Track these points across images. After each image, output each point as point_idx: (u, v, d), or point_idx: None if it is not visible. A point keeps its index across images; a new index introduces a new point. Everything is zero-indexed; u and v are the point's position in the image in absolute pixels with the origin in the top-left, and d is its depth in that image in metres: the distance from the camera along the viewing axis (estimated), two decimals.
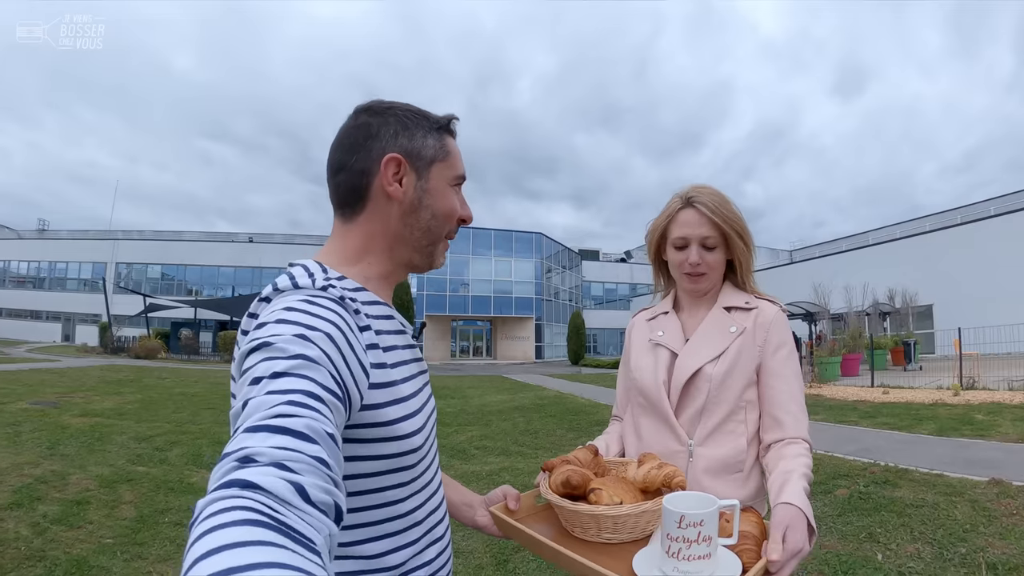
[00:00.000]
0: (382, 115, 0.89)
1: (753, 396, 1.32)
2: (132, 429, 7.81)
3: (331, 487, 0.51)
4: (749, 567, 0.89)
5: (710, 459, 1.28)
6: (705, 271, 1.36)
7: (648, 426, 1.39)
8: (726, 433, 1.30)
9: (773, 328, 1.33)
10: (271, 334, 0.64)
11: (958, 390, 10.86)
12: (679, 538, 0.85)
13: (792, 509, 1.02)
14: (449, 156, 0.93)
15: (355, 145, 0.88)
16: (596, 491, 1.06)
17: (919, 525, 3.96)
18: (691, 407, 1.32)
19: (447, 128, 0.94)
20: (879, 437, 7.25)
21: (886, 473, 5.35)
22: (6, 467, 5.51)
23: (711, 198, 1.34)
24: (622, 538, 1.02)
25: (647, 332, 1.48)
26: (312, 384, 0.60)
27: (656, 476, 1.12)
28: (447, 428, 8.69)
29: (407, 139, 0.88)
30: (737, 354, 1.30)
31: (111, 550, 3.63)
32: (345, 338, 0.71)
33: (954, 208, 36.56)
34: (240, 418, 0.56)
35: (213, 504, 0.42)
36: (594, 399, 12.81)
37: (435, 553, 0.89)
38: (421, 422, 0.85)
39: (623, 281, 52.13)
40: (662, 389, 1.35)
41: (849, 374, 15.97)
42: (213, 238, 51.25)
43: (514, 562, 3.55)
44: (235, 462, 0.48)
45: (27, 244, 49.74)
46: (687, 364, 1.34)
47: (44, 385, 12.63)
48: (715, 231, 1.33)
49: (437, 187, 0.91)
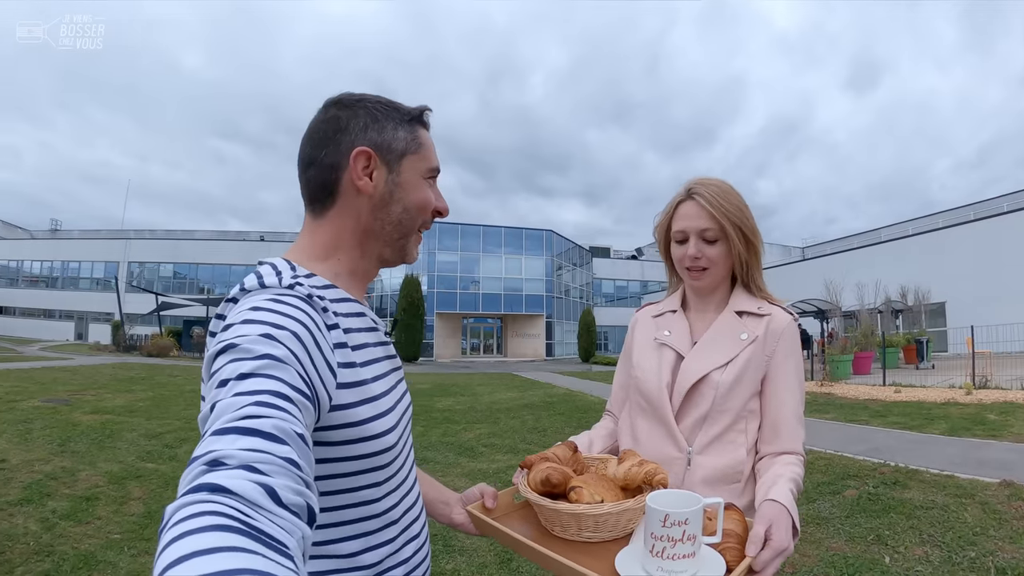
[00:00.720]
0: (351, 108, 0.88)
1: (756, 406, 1.28)
2: (142, 426, 7.87)
3: (302, 488, 0.50)
4: (733, 566, 0.88)
5: (709, 468, 1.25)
6: (706, 265, 1.31)
7: (646, 429, 1.35)
8: (726, 442, 1.26)
9: (784, 338, 1.28)
10: (237, 335, 0.64)
11: (970, 389, 10.76)
12: (663, 537, 0.83)
13: (777, 506, 1.01)
14: (421, 148, 0.91)
15: (324, 139, 0.87)
16: (576, 489, 1.05)
17: (928, 527, 3.92)
18: (694, 414, 1.28)
19: (419, 120, 0.93)
20: (890, 437, 7.19)
21: (896, 474, 5.30)
22: (17, 463, 5.57)
23: (712, 190, 1.30)
24: (603, 537, 1.01)
25: (652, 329, 1.43)
26: (280, 384, 0.59)
27: (637, 473, 1.09)
28: (456, 426, 8.70)
29: (377, 132, 0.87)
30: (746, 363, 1.26)
31: (119, 545, 3.66)
32: (312, 337, 0.70)
33: (967, 204, 36.23)
34: (208, 421, 0.55)
35: (182, 509, 0.42)
36: (604, 397, 12.76)
37: (412, 551, 0.88)
38: (393, 421, 0.84)
39: (634, 278, 51.88)
40: (664, 392, 1.30)
41: (861, 372, 15.86)
42: (224, 237, 51.62)
43: (518, 561, 3.54)
44: (204, 466, 0.47)
45: (40, 244, 50.23)
46: (693, 368, 1.29)
47: (56, 383, 12.75)
48: (715, 224, 1.29)
49: (409, 180, 0.90)
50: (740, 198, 1.32)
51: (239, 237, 52.21)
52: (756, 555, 0.90)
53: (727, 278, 1.37)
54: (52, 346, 33.33)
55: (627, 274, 52.05)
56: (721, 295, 1.38)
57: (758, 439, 1.28)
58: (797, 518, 1.02)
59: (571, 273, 46.05)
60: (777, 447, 1.24)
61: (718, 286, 1.37)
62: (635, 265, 52.81)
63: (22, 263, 49.30)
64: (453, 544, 3.80)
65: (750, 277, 1.36)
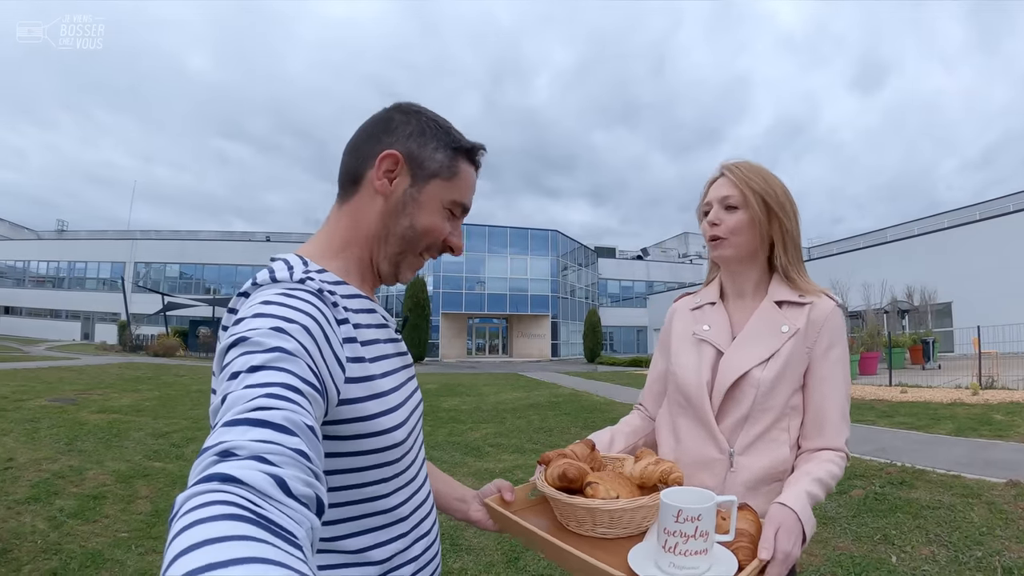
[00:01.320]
0: (407, 115, 0.90)
1: (799, 401, 1.23)
2: (149, 425, 7.89)
3: (312, 480, 0.50)
4: (745, 565, 0.88)
5: (752, 469, 1.20)
6: (724, 235, 1.26)
7: (687, 429, 1.29)
8: (769, 441, 1.20)
9: (827, 327, 1.22)
10: (248, 328, 0.64)
11: (977, 389, 10.70)
12: (676, 532, 0.84)
13: (786, 511, 0.99)
14: (455, 179, 0.91)
15: (372, 134, 0.89)
16: (593, 485, 1.05)
17: (935, 527, 3.91)
18: (735, 413, 1.22)
19: (467, 153, 0.93)
20: (896, 437, 7.16)
21: (902, 474, 5.28)
22: (24, 462, 5.60)
23: (742, 165, 1.28)
24: (617, 533, 1.01)
25: (691, 323, 1.37)
26: (290, 376, 0.59)
27: (653, 472, 1.10)
28: (462, 425, 8.70)
29: (417, 144, 0.88)
30: (788, 357, 1.20)
31: (126, 544, 3.68)
32: (322, 331, 0.70)
33: (972, 204, 36.10)
34: (219, 413, 0.55)
35: (193, 499, 0.42)
36: (609, 397, 12.76)
37: (422, 549, 0.88)
38: (403, 416, 0.84)
39: (639, 279, 51.82)
40: (704, 391, 1.25)
41: (867, 373, 15.79)
42: (230, 237, 51.86)
43: (525, 559, 3.54)
44: (215, 456, 0.48)
45: (47, 244, 50.50)
46: (733, 366, 1.23)
47: (63, 383, 12.79)
48: (736, 191, 1.26)
49: (428, 201, 0.90)
50: (772, 176, 1.28)
51: (245, 238, 52.46)
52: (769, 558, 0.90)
53: (756, 255, 1.30)
54: (58, 346, 33.44)
55: (632, 274, 52.01)
56: (758, 280, 1.32)
57: (800, 435, 1.23)
58: (808, 524, 1.00)
59: (576, 273, 46.09)
60: (818, 443, 1.20)
61: (746, 263, 1.31)
62: (640, 265, 52.78)
63: (28, 263, 49.53)
64: (460, 543, 3.81)
65: (782, 258, 1.29)
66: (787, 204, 1.27)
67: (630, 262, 53.60)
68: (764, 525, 0.96)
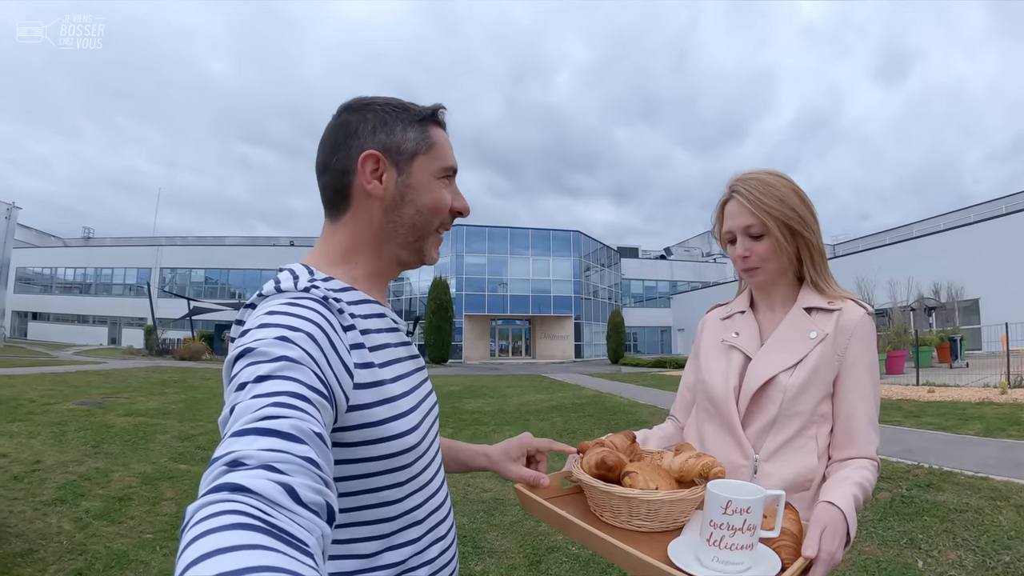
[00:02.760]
0: (360, 112, 0.88)
1: (827, 409, 1.22)
2: (175, 428, 8.00)
3: (322, 487, 0.51)
4: (787, 564, 0.85)
5: (776, 477, 1.19)
6: (757, 264, 1.27)
7: (712, 434, 1.31)
8: (796, 449, 1.20)
9: (857, 334, 1.21)
10: (253, 339, 0.65)
11: (1005, 388, 10.47)
12: (723, 525, 0.81)
13: (834, 510, 0.96)
14: (434, 148, 0.91)
15: (336, 145, 0.88)
16: (631, 475, 1.02)
17: (962, 531, 3.82)
18: (761, 419, 1.22)
19: (433, 119, 0.92)
20: (923, 438, 7.02)
21: (929, 476, 5.17)
22: (51, 464, 5.70)
23: (751, 185, 1.26)
24: (653, 527, 0.98)
25: (720, 331, 1.39)
26: (297, 385, 0.60)
27: (694, 466, 1.06)
28: (485, 427, 8.69)
29: (385, 134, 0.87)
30: (816, 363, 1.19)
31: (151, 544, 3.73)
32: (328, 338, 0.71)
33: (999, 198, 35.39)
34: (228, 423, 0.56)
35: (203, 509, 0.42)
36: (633, 398, 12.68)
37: (438, 552, 0.88)
38: (415, 421, 0.84)
39: (663, 278, 51.56)
40: (731, 396, 1.26)
41: (894, 372, 15.55)
42: (254, 242, 52.42)
43: (547, 563, 3.53)
44: (224, 466, 0.48)
45: (73, 251, 51.57)
46: (760, 371, 1.24)
47: (90, 386, 13.03)
48: (756, 219, 1.24)
49: (420, 181, 0.89)
50: (784, 188, 1.26)
51: (269, 242, 53.04)
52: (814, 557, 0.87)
53: (786, 273, 1.31)
54: (86, 350, 34.08)
55: (656, 274, 51.78)
56: (787, 291, 1.32)
57: (830, 444, 1.22)
58: (854, 525, 0.98)
59: (599, 274, 45.95)
60: (850, 452, 1.18)
61: (778, 281, 1.32)
62: (664, 265, 52.50)
63: (56, 270, 50.54)
64: (482, 545, 3.81)
65: (810, 271, 1.29)
66: (807, 216, 1.27)
67: (653, 262, 53.32)
68: (810, 524, 0.94)
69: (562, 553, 3.66)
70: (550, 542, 3.83)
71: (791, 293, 1.32)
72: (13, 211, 36.31)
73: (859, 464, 1.15)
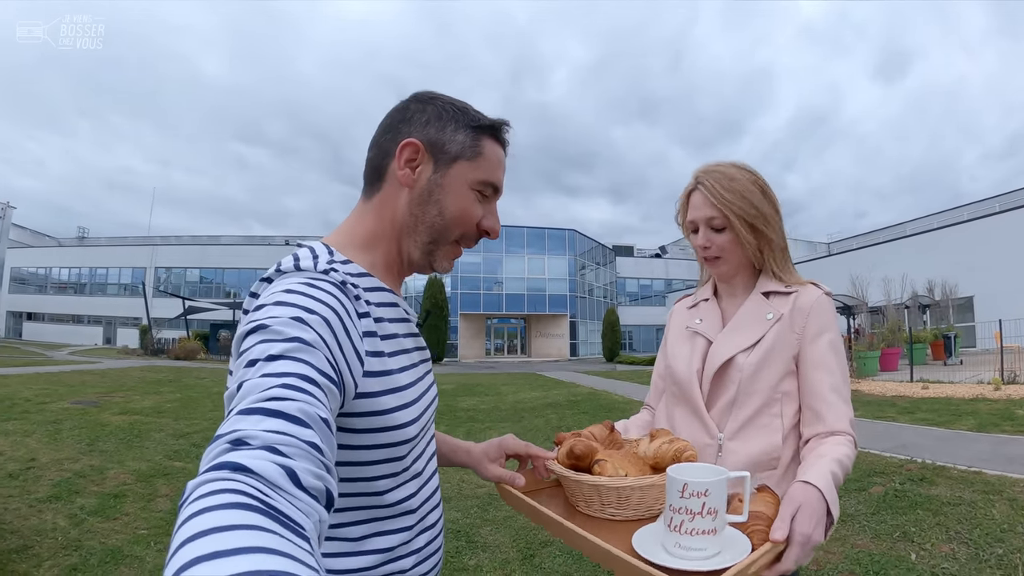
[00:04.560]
0: (423, 103, 0.89)
1: (791, 387, 1.23)
2: (170, 427, 8.00)
3: (323, 472, 0.51)
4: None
5: (741, 454, 1.21)
6: (718, 254, 1.29)
7: (681, 417, 1.33)
8: (759, 427, 1.22)
9: (814, 313, 1.23)
10: (268, 316, 0.64)
11: (999, 384, 10.53)
12: (681, 509, 0.78)
13: (810, 488, 0.92)
14: (479, 158, 0.89)
15: (391, 126, 0.89)
16: (600, 462, 1.02)
17: (955, 524, 3.85)
18: (722, 398, 1.26)
19: (490, 131, 0.91)
20: (917, 433, 7.06)
21: (923, 470, 5.20)
22: (46, 462, 5.69)
23: (716, 177, 1.27)
24: (627, 515, 0.97)
25: (686, 319, 1.43)
26: (308, 368, 0.60)
27: (667, 451, 1.06)
28: (480, 425, 8.72)
29: (436, 129, 0.87)
30: (773, 342, 1.22)
31: (145, 540, 3.73)
32: (342, 323, 0.70)
33: (992, 196, 35.53)
34: (234, 400, 0.55)
35: (203, 486, 0.42)
36: (628, 396, 12.73)
37: (425, 541, 0.88)
38: (417, 412, 0.84)
39: (658, 277, 51.54)
40: (695, 378, 1.29)
41: (888, 369, 15.59)
42: (249, 242, 52.24)
43: (540, 556, 3.54)
44: (227, 444, 0.48)
45: (68, 251, 51.31)
46: (719, 352, 1.27)
47: (85, 385, 13.00)
48: (718, 212, 1.26)
49: (454, 185, 0.88)
50: (748, 183, 1.27)
51: (264, 242, 52.83)
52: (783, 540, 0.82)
53: (747, 264, 1.33)
54: (81, 350, 33.99)
55: (651, 272, 51.77)
56: (747, 279, 1.35)
57: (800, 422, 1.23)
58: (834, 504, 0.93)
59: (594, 272, 46.00)
60: (821, 428, 1.17)
61: (738, 271, 1.34)
62: (659, 263, 52.51)
63: (50, 270, 50.30)
64: (476, 540, 3.82)
65: (771, 265, 1.31)
66: (769, 213, 1.28)
67: (648, 260, 53.33)
68: (782, 505, 0.89)
69: (556, 547, 3.67)
70: (544, 536, 3.83)
71: (752, 281, 1.36)
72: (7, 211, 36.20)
73: (835, 440, 1.13)
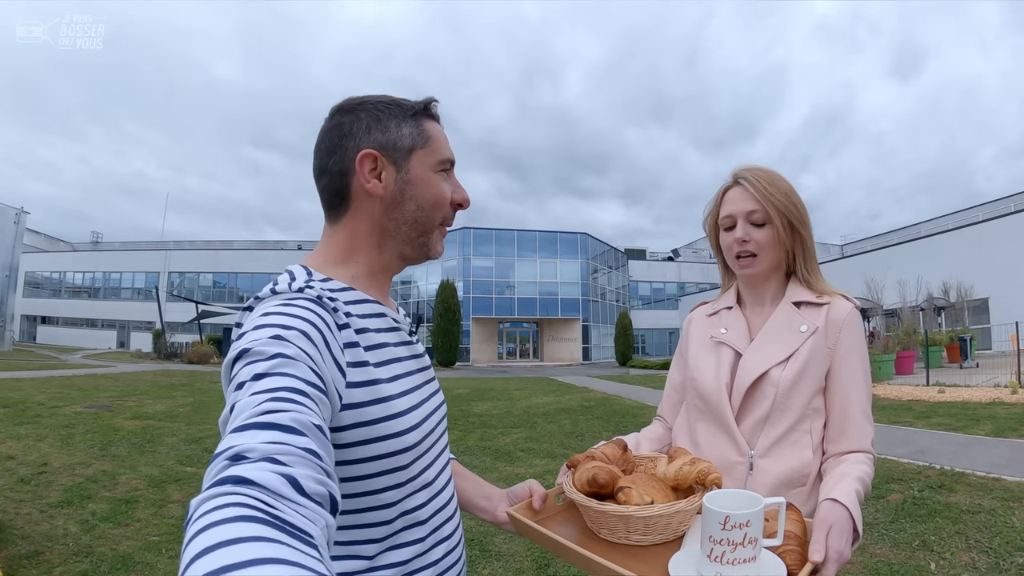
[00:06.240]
0: (353, 112, 0.89)
1: (821, 403, 1.21)
2: (183, 431, 8.03)
3: (324, 477, 0.51)
4: (794, 570, 0.83)
5: (772, 472, 1.17)
6: (755, 251, 1.25)
7: (705, 432, 1.28)
8: (791, 444, 1.18)
9: (847, 328, 1.21)
10: (249, 340, 0.66)
11: (1016, 388, 10.37)
12: (723, 540, 0.79)
13: (839, 508, 0.94)
14: (430, 142, 0.90)
15: (332, 147, 0.88)
16: (625, 490, 1.00)
17: (975, 532, 3.78)
18: (754, 414, 1.21)
19: (426, 112, 0.92)
20: (934, 438, 6.97)
21: (941, 477, 5.13)
22: (58, 467, 5.72)
23: (758, 174, 1.26)
24: (652, 540, 0.96)
25: (708, 328, 1.37)
26: (294, 380, 0.60)
27: (689, 472, 1.04)
28: (492, 430, 8.70)
29: (380, 132, 0.87)
30: (808, 357, 1.19)
31: (157, 547, 3.73)
32: (321, 335, 0.71)
33: (1007, 196, 35.21)
34: (228, 421, 0.56)
35: (207, 502, 0.42)
36: (642, 401, 12.65)
37: (442, 553, 0.87)
38: (415, 420, 0.83)
39: (671, 280, 51.43)
40: (724, 392, 1.24)
41: (903, 372, 15.42)
42: (262, 246, 52.72)
43: (555, 567, 3.50)
44: (226, 460, 0.48)
45: (82, 256, 51.99)
46: (752, 366, 1.22)
47: (98, 390, 13.10)
48: (760, 206, 1.24)
49: (419, 176, 0.89)
50: (789, 186, 1.27)
51: (277, 246, 53.28)
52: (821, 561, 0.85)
53: (779, 268, 1.31)
54: (94, 354, 34.29)
55: (663, 276, 51.65)
56: (776, 287, 1.32)
57: (824, 438, 1.21)
58: (860, 521, 0.96)
59: (607, 276, 45.96)
60: (844, 446, 1.17)
61: (770, 276, 1.31)
62: (671, 267, 52.39)
63: (64, 274, 51.00)
64: (490, 548, 3.78)
65: (801, 268, 1.29)
66: (805, 217, 1.28)
67: (661, 263, 53.21)
68: (815, 525, 0.92)
69: None
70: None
71: (780, 289, 1.32)
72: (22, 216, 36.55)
73: (856, 459, 1.13)
